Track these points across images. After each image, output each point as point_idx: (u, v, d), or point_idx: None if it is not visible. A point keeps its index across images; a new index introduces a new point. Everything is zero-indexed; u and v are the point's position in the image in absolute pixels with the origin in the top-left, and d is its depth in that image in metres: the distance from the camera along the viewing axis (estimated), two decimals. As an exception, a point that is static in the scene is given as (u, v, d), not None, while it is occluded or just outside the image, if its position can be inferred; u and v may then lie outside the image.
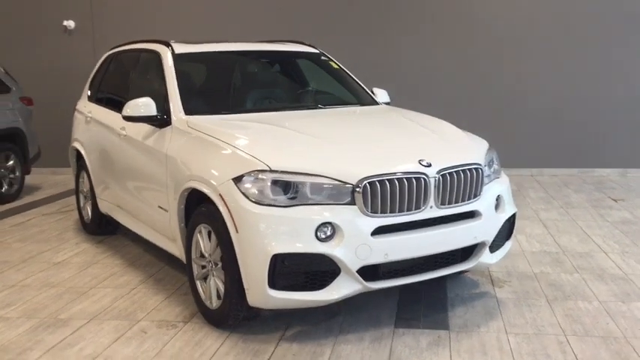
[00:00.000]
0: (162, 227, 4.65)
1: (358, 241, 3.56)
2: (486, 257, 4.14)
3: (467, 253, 4.07)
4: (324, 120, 4.79)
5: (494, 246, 4.22)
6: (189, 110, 4.58)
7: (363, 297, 4.14)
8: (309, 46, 5.83)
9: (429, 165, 3.78)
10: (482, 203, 4.01)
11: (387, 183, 3.63)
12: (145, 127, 4.81)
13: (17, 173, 8.35)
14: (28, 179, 8.94)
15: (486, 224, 4.02)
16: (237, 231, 3.61)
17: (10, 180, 8.24)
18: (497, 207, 4.16)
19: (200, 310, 4.16)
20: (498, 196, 4.17)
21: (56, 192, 8.77)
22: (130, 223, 5.39)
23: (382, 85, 5.67)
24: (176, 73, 4.85)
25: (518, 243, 5.74)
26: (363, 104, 5.36)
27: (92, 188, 6.03)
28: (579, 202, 7.53)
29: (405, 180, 3.67)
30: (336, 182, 3.60)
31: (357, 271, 3.61)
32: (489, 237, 4.07)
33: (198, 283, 4.14)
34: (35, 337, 3.95)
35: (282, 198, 3.58)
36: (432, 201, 3.75)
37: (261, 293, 3.57)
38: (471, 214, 3.97)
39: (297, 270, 3.57)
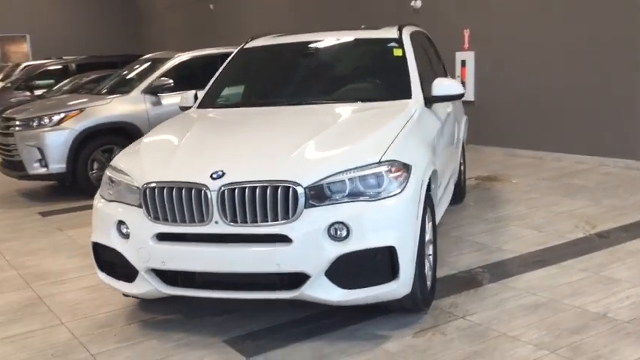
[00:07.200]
0: None
1: (140, 243, 3.67)
2: (320, 292, 3.49)
3: (299, 281, 3.52)
4: (264, 120, 4.59)
5: (351, 282, 3.51)
6: (206, 103, 5.05)
7: (283, 305, 4.04)
8: (398, 31, 5.20)
9: (219, 177, 3.48)
10: (295, 227, 3.41)
11: (165, 190, 3.57)
12: None
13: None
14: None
15: (300, 253, 3.41)
16: None
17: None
18: (346, 236, 3.43)
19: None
20: (342, 223, 3.41)
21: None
22: None
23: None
24: (228, 66, 5.31)
25: (601, 303, 4.10)
26: (385, 99, 4.63)
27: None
28: None
29: (183, 190, 3.53)
30: (133, 185, 3.74)
31: (159, 274, 3.71)
32: (309, 269, 3.43)
33: None
34: (82, 267, 5.24)
35: (107, 193, 3.94)
36: (216, 216, 3.47)
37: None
38: (279, 238, 3.44)
39: (111, 259, 3.90)
